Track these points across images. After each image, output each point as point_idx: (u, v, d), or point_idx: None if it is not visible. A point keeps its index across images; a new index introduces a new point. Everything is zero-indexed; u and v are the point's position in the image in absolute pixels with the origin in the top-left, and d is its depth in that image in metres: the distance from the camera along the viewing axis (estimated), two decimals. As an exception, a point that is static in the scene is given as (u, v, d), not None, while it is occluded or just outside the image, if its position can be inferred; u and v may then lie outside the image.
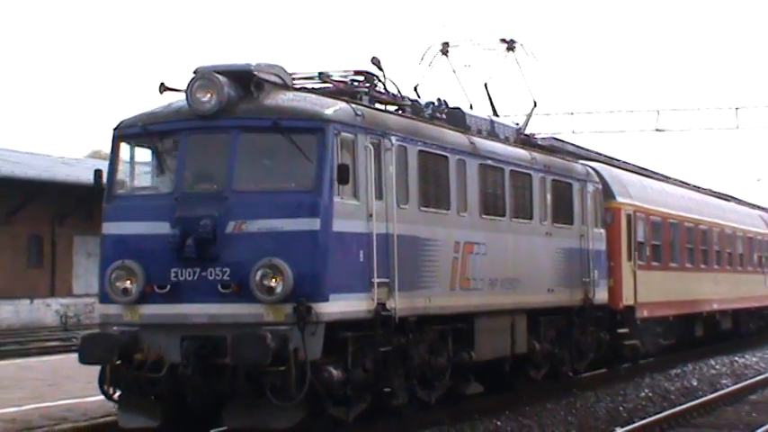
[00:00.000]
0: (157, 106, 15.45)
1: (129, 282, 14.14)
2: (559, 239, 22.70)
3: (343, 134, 14.79)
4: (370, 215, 15.17)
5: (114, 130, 15.39)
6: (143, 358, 13.71)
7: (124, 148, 15.44)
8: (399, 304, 15.79)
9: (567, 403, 21.14)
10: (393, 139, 16.23)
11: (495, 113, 22.63)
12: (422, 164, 17.17)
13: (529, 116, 24.08)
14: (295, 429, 14.09)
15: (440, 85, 21.72)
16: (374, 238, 15.16)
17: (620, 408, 20.99)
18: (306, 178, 14.38)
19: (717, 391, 24.70)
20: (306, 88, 16.42)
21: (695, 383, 26.92)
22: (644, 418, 18.80)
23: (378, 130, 15.92)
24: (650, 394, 23.92)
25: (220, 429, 14.62)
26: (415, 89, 20.23)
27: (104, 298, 14.67)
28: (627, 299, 26.45)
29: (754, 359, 34.68)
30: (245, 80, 14.82)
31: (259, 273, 13.62)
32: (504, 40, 22.06)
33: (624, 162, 42.77)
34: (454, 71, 22.21)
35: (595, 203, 24.97)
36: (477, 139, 19.82)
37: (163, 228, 14.07)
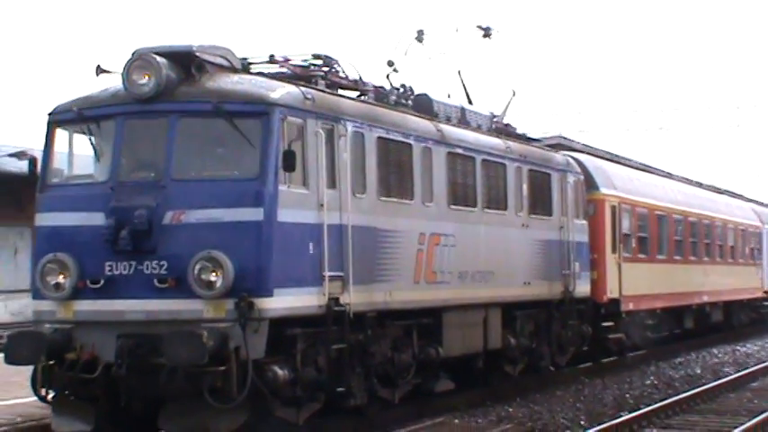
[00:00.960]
0: (94, 90, 14.53)
1: (61, 276, 13.32)
2: (537, 231, 21.54)
3: (291, 119, 13.91)
4: (321, 205, 14.22)
5: (49, 115, 14.61)
6: (75, 357, 12.91)
7: (59, 135, 14.55)
8: (354, 299, 14.91)
9: (576, 390, 21.72)
10: (348, 124, 15.29)
11: (470, 101, 21.68)
12: (382, 151, 16.12)
13: (507, 105, 22.93)
14: None
15: (415, 74, 20.78)
16: (325, 228, 14.14)
17: (627, 395, 21.31)
18: (249, 166, 13.51)
19: (719, 378, 25.02)
20: (260, 72, 15.43)
21: (699, 371, 27.32)
22: (649, 405, 19.16)
23: (330, 115, 14.96)
24: (655, 382, 24.39)
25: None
26: (387, 77, 19.04)
27: (36, 294, 13.84)
28: (611, 292, 25.45)
29: (755, 348, 35.77)
30: (186, 62, 13.96)
31: (197, 266, 12.77)
32: (480, 27, 21.33)
33: (613, 154, 42.19)
34: (430, 58, 21.47)
35: (577, 194, 23.82)
36: (445, 127, 18.73)
37: (97, 219, 13.25)
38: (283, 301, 13.36)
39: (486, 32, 21.00)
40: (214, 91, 13.83)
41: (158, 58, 13.62)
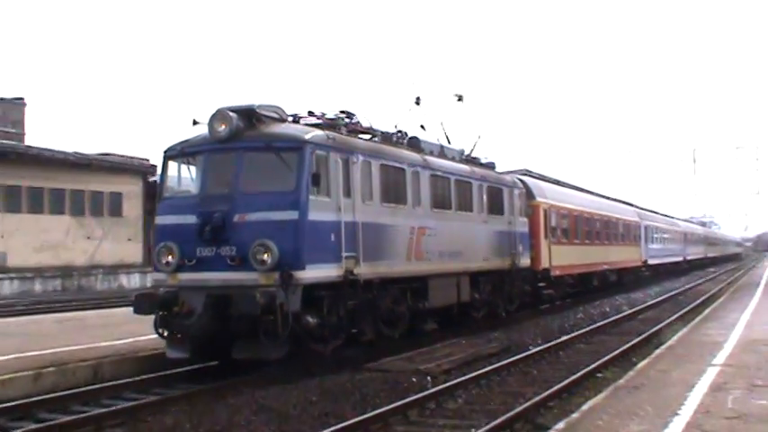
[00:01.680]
0: (191, 135, 18.32)
1: (170, 257, 16.79)
2: (493, 225, 26.39)
3: (318, 152, 16.98)
4: (339, 208, 17.33)
5: (164, 152, 18.30)
6: (179, 309, 16.27)
7: (170, 165, 18.14)
8: (364, 271, 17.93)
9: (534, 323, 28.29)
10: (359, 156, 18.38)
11: (449, 141, 26.82)
12: (383, 173, 19.44)
13: (474, 145, 28.31)
14: (284, 360, 16.33)
15: (416, 123, 25.75)
16: (342, 224, 17.33)
17: (566, 325, 27.83)
18: (289, 182, 16.52)
19: (620, 313, 32.18)
20: (301, 121, 19.36)
21: (607, 309, 34.34)
22: (581, 329, 26.02)
23: (346, 149, 18.02)
24: (582, 316, 31.37)
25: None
26: (395, 126, 23.74)
27: (155, 269, 17.35)
28: (544, 263, 32.51)
29: (641, 295, 44.01)
30: (249, 115, 17.41)
31: (254, 250, 15.88)
32: (456, 95, 27.71)
33: (554, 179, 58.99)
34: (425, 114, 27.27)
35: (521, 201, 29.67)
36: (428, 158, 22.55)
37: (191, 219, 16.63)
38: (313, 273, 16.28)
39: (460, 98, 27.68)
40: (267, 134, 17.23)
41: (231, 113, 16.99)
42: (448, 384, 15.46)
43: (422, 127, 26.63)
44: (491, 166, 29.26)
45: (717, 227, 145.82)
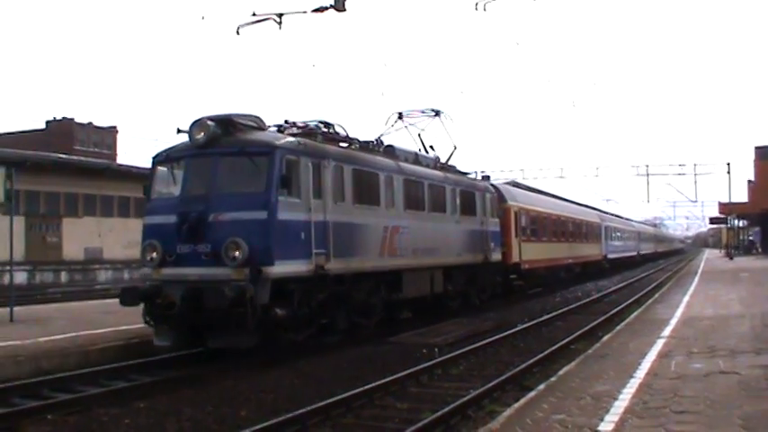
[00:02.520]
0: (176, 143, 16.57)
1: (154, 253, 15.15)
2: (466, 224, 24.43)
3: (288, 156, 15.23)
4: (310, 209, 15.61)
5: (152, 158, 16.64)
6: (162, 301, 14.62)
7: (157, 170, 16.45)
8: (335, 266, 16.16)
9: (521, 307, 27.65)
10: (330, 161, 16.62)
11: (426, 151, 25.04)
12: (356, 177, 17.62)
13: (451, 154, 26.36)
14: (256, 348, 14.73)
15: (400, 136, 24.12)
16: (312, 223, 15.56)
17: (547, 307, 27.27)
18: (260, 185, 14.75)
19: (589, 296, 31.92)
20: (281, 130, 17.59)
21: (580, 294, 34.14)
22: (558, 310, 25.63)
23: (317, 155, 16.23)
24: (559, 300, 30.97)
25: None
26: (378, 137, 22.05)
27: (142, 264, 15.76)
28: (515, 258, 30.59)
29: (605, 282, 43.55)
30: (226, 124, 15.64)
31: (227, 247, 14.21)
32: (433, 110, 25.57)
33: (532, 187, 56.33)
34: (406, 127, 25.35)
35: (492, 204, 27.64)
36: (403, 164, 20.59)
37: (173, 218, 14.93)
38: (282, 268, 14.55)
39: (437, 114, 25.56)
40: (241, 140, 15.40)
41: (209, 122, 15.35)
42: (452, 355, 15.65)
43: (425, 147, 25.73)
44: (465, 173, 27.64)
45: (665, 227, 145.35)
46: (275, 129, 17.43)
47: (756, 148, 70.95)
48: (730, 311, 19.37)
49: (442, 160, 25.58)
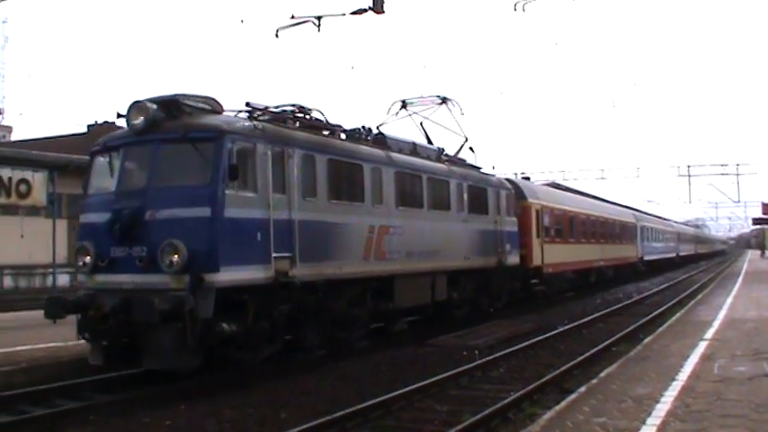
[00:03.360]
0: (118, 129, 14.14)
1: (87, 257, 13.08)
2: (475, 224, 22.08)
3: (241, 143, 12.98)
4: (269, 205, 13.29)
5: (91, 148, 14.50)
6: (94, 313, 12.56)
7: (95, 161, 14.25)
8: (302, 272, 13.84)
9: (562, 308, 27.69)
10: (297, 149, 14.23)
11: (430, 142, 22.93)
12: (332, 168, 15.33)
13: (461, 146, 24.10)
14: (200, 370, 12.78)
15: (404, 126, 21.29)
16: (271, 222, 13.25)
17: (587, 308, 27.26)
18: (204, 176, 12.49)
19: (630, 299, 31.59)
20: (252, 116, 14.83)
21: (621, 296, 33.73)
22: (599, 312, 25.32)
23: (280, 142, 13.89)
24: (599, 302, 30.72)
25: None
26: (378, 127, 20.10)
27: (77, 269, 13.71)
28: (536, 261, 27.92)
29: (646, 284, 43.00)
30: (170, 106, 13.36)
31: (163, 251, 12.08)
32: (438, 96, 23.21)
33: (566, 187, 54.93)
34: (410, 116, 23.34)
35: (509, 202, 25.09)
36: (394, 155, 18.25)
37: (106, 217, 12.83)
38: (230, 275, 12.34)
39: (444, 101, 23.11)
40: (186, 124, 13.01)
41: (149, 104, 13.10)
42: (492, 357, 15.64)
43: (428, 137, 23.58)
44: (476, 167, 24.83)
45: (707, 228, 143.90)
46: (242, 113, 14.89)
47: (801, 146, 69.60)
48: (774, 313, 19.01)
49: (451, 153, 23.47)
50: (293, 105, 16.01)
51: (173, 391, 12.26)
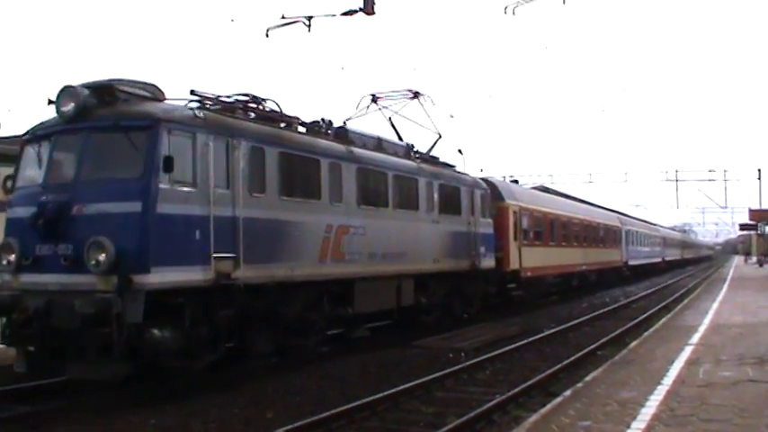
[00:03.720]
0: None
1: (12, 255, 12.09)
2: (446, 225, 21.11)
3: (178, 132, 11.96)
4: (209, 201, 12.30)
5: (22, 137, 13.56)
6: (18, 317, 11.66)
7: (25, 151, 13.19)
8: (248, 274, 12.78)
9: (547, 312, 27.67)
10: (244, 140, 13.17)
11: (400, 138, 21.70)
12: (285, 163, 14.23)
13: (434, 143, 23.00)
14: (126, 379, 11.88)
15: (375, 122, 20.78)
16: (211, 219, 12.25)
17: (573, 312, 27.29)
18: (135, 168, 11.50)
19: (616, 303, 31.63)
20: (202, 105, 13.81)
21: (607, 300, 33.82)
22: (585, 315, 25.34)
23: (224, 132, 12.87)
24: (586, 305, 30.81)
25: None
26: (344, 122, 19.07)
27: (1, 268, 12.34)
28: (513, 265, 26.96)
29: (632, 288, 43.16)
30: (103, 92, 12.39)
31: (89, 249, 11.14)
32: (410, 90, 21.92)
33: (553, 190, 53.37)
34: (381, 110, 22.07)
35: (484, 202, 24.11)
36: (357, 150, 17.14)
37: (32, 211, 11.88)
38: (162, 276, 11.36)
39: (416, 95, 21.89)
40: (119, 112, 11.99)
41: (80, 89, 12.13)
42: (478, 359, 15.76)
43: (398, 133, 22.15)
44: (450, 165, 23.69)
45: (694, 234, 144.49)
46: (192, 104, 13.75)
47: (788, 153, 69.99)
48: (760, 319, 19.35)
49: (423, 150, 22.41)
50: (245, 95, 15.09)
51: (160, 390, 12.19)
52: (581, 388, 10.84)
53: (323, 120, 17.48)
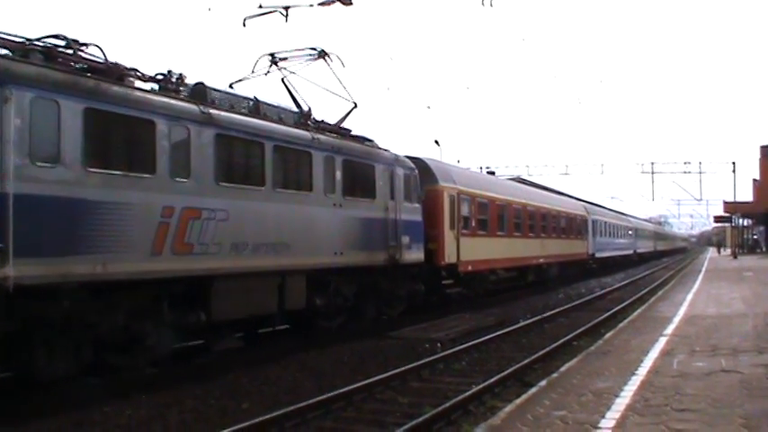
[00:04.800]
0: None
1: None
2: (354, 210, 17.81)
3: None
4: None
5: None
6: None
7: None
8: (25, 271, 9.99)
9: (524, 303, 27.76)
10: (23, 90, 10.19)
11: (297, 105, 18.06)
12: (95, 123, 11.14)
13: (347, 114, 19.26)
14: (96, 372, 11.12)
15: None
16: None
17: (549, 303, 27.68)
18: None
19: (592, 294, 32.42)
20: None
21: (583, 291, 34.92)
22: (561, 306, 25.59)
23: None
24: (562, 296, 31.55)
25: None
26: (230, 86, 16.88)
27: None
28: (449, 258, 23.44)
29: (609, 279, 44.37)
30: None
31: None
32: (314, 49, 18.29)
33: (543, 185, 52.02)
34: (280, 70, 18.30)
35: (409, 184, 20.62)
36: (216, 112, 13.88)
37: None
38: None
39: (321, 55, 18.17)
40: None
41: None
42: (454, 350, 16.09)
43: (294, 99, 18.40)
44: (364, 138, 19.86)
45: (670, 226, 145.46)
46: None
47: (762, 147, 71.54)
48: (733, 310, 19.72)
49: (329, 119, 18.85)
50: (56, 36, 11.83)
51: (134, 381, 12.20)
52: (556, 378, 11.05)
53: (170, 72, 14.02)
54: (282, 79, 18.40)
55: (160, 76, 13.77)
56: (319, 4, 17.76)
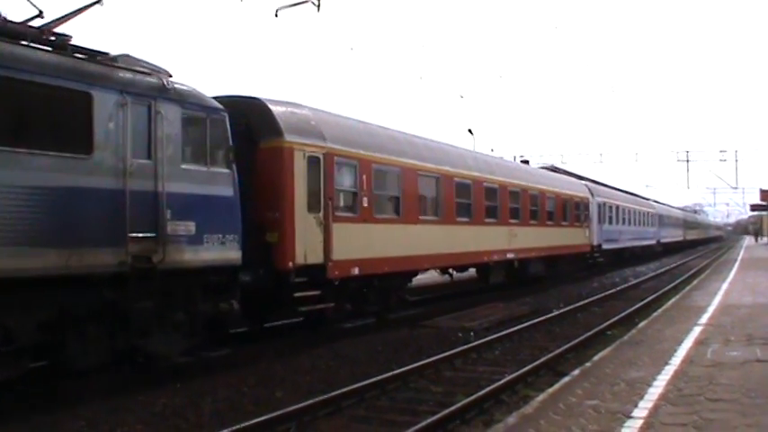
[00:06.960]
0: None
1: None
2: (27, 173, 9.26)
3: None
4: None
5: None
6: None
7: None
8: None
9: (559, 290, 28.10)
10: None
11: None
12: None
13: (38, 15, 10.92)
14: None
15: None
16: None
17: (582, 293, 27.40)
18: None
19: (627, 282, 32.43)
20: None
21: (617, 280, 34.43)
22: (595, 295, 25.70)
23: None
24: (597, 285, 31.35)
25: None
26: None
27: None
28: (307, 256, 15.13)
29: (643, 269, 43.70)
30: None
31: None
32: None
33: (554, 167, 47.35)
34: None
35: (201, 136, 12.16)
36: None
37: None
38: None
39: None
40: None
41: None
42: (487, 339, 16.20)
43: None
44: (99, 53, 11.27)
45: (705, 214, 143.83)
46: None
47: (801, 133, 69.91)
48: (769, 299, 19.23)
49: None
50: None
51: (169, 370, 12.35)
52: (589, 367, 11.06)
53: None
54: None
55: None
56: (350, -6, 17.65)
